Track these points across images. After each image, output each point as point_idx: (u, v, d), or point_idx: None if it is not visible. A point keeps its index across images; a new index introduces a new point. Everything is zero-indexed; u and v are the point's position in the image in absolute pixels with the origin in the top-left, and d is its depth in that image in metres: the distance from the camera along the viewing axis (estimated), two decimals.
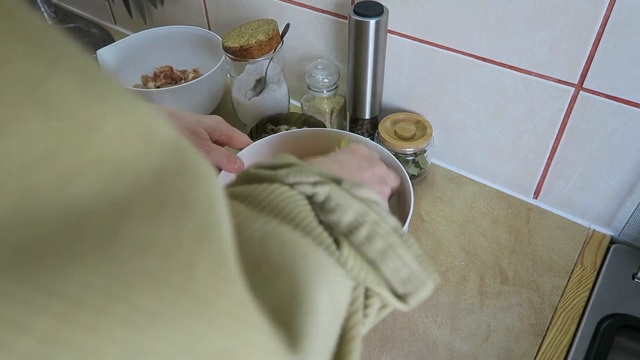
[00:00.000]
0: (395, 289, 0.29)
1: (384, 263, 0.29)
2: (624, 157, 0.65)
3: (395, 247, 0.29)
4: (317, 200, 0.29)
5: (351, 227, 0.29)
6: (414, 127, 0.76)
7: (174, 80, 0.92)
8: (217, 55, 0.87)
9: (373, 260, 0.28)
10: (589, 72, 0.61)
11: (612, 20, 0.57)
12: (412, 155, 0.76)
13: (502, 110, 0.71)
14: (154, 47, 0.94)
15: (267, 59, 0.77)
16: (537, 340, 0.61)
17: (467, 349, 0.61)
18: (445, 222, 0.74)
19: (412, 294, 0.29)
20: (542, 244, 0.71)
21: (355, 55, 0.72)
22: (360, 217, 0.29)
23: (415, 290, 0.29)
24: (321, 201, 0.29)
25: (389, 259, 0.29)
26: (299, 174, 0.30)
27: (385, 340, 0.62)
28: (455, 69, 0.72)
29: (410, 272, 0.29)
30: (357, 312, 0.28)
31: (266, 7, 0.86)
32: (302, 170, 0.30)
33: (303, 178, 0.30)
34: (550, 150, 0.71)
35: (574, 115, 0.66)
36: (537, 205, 0.76)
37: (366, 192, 0.30)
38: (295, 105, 0.93)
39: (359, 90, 0.76)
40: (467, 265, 0.69)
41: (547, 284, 0.67)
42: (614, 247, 0.70)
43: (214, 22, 0.98)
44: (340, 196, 0.29)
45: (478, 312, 0.64)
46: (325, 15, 0.80)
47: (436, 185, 0.80)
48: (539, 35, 0.62)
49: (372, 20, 0.68)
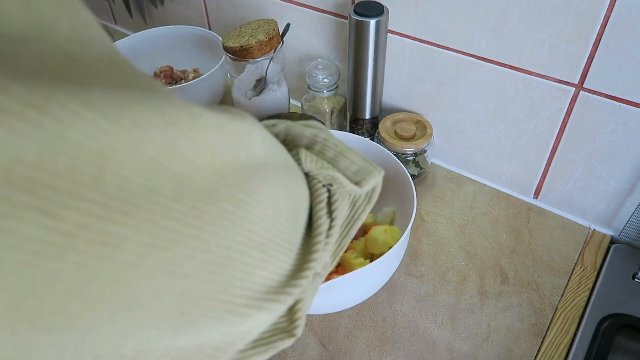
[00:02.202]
0: (350, 178, 0.36)
1: (337, 163, 0.36)
2: (624, 157, 0.65)
3: (344, 152, 0.37)
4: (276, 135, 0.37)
5: (308, 144, 0.37)
6: (414, 127, 0.76)
7: (174, 80, 0.92)
8: (217, 55, 0.87)
9: (329, 161, 0.36)
10: (589, 72, 0.61)
11: (612, 20, 0.57)
12: (412, 155, 0.76)
13: (502, 110, 0.71)
14: (154, 47, 0.94)
15: (267, 59, 0.77)
16: (537, 340, 0.61)
17: (467, 349, 0.61)
18: (446, 222, 0.74)
19: (363, 180, 0.37)
20: (542, 244, 0.71)
21: (356, 55, 0.72)
22: (313, 137, 0.37)
23: (366, 177, 0.37)
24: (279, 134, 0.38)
25: (340, 160, 0.37)
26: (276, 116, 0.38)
27: (385, 340, 0.62)
28: (455, 69, 0.72)
29: (359, 167, 0.37)
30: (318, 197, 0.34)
31: (266, 7, 0.86)
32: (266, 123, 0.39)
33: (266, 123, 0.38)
34: (551, 150, 0.71)
35: (574, 115, 0.66)
36: (537, 205, 0.76)
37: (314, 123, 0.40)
38: (295, 105, 0.93)
39: (359, 90, 0.76)
40: (467, 265, 0.69)
41: (547, 284, 0.67)
42: (614, 247, 0.70)
43: (214, 22, 0.98)
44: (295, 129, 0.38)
45: (478, 312, 0.64)
46: (325, 15, 0.80)
47: (436, 185, 0.80)
48: (539, 35, 0.62)
49: (372, 20, 0.68)
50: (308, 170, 0.35)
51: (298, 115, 0.81)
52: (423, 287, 0.67)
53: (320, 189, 0.35)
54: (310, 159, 0.35)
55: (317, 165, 0.35)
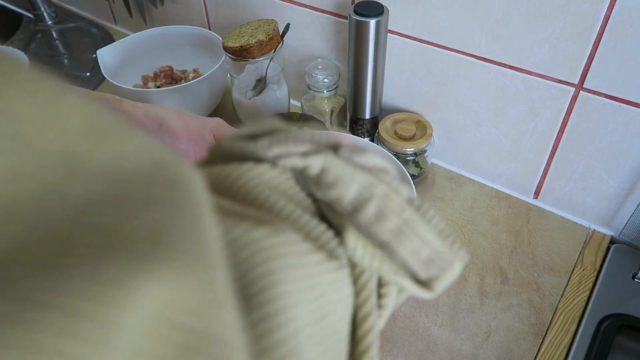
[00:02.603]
0: (416, 273, 0.24)
1: (400, 244, 0.23)
2: (624, 157, 0.65)
3: (412, 224, 0.24)
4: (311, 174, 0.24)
5: (356, 203, 0.24)
6: (414, 127, 0.76)
7: (174, 80, 0.92)
8: (217, 55, 0.87)
9: (386, 242, 0.23)
10: (589, 72, 0.61)
11: (612, 20, 0.57)
12: (412, 155, 0.76)
13: (502, 110, 0.71)
14: (154, 47, 0.94)
15: (267, 59, 0.77)
16: (537, 340, 0.61)
17: (467, 349, 0.61)
18: (445, 222, 0.74)
19: (437, 278, 0.24)
20: (542, 244, 0.71)
21: (356, 55, 0.72)
22: (366, 191, 0.24)
23: (441, 273, 0.24)
24: (316, 174, 0.24)
25: (405, 239, 0.24)
26: (284, 143, 0.24)
27: (385, 340, 0.62)
28: (455, 69, 0.72)
29: (432, 252, 0.24)
30: (365, 304, 0.24)
31: (266, 7, 0.86)
32: (288, 138, 0.24)
33: (290, 147, 0.24)
34: (551, 150, 0.71)
35: (574, 115, 0.66)
36: (537, 205, 0.76)
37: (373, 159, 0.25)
38: (295, 105, 0.93)
39: (359, 90, 0.76)
40: (467, 265, 0.69)
41: (547, 284, 0.67)
42: (614, 247, 0.70)
43: (214, 22, 0.98)
44: (340, 167, 0.24)
45: (478, 312, 0.64)
46: (325, 15, 0.80)
47: (436, 185, 0.80)
48: (539, 35, 0.62)
49: (372, 20, 0.68)
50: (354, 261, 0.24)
51: (298, 116, 0.81)
52: None
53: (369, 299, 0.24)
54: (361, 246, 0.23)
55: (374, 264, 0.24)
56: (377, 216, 0.23)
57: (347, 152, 0.25)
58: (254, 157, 0.24)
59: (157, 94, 0.81)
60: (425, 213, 0.25)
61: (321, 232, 0.23)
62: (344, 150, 0.25)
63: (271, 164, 0.24)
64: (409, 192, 0.25)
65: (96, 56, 0.86)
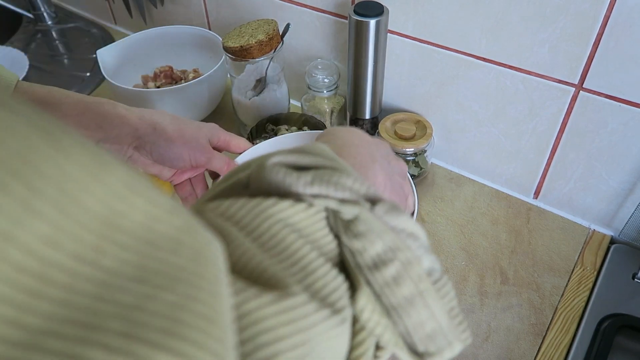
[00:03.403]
0: (414, 343, 0.24)
1: (408, 313, 0.24)
2: (624, 157, 0.65)
3: (426, 296, 0.24)
4: (343, 218, 0.25)
5: (378, 260, 0.24)
6: (414, 127, 0.76)
7: (174, 80, 0.92)
8: (217, 55, 0.87)
9: (395, 306, 0.24)
10: (589, 72, 0.61)
11: (612, 20, 0.57)
12: (412, 155, 0.76)
13: (502, 110, 0.71)
14: (154, 47, 0.94)
15: (267, 59, 0.77)
16: (537, 340, 0.61)
17: (467, 349, 0.61)
18: (445, 222, 0.74)
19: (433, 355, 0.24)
20: (542, 244, 0.71)
21: (355, 55, 0.72)
22: (390, 252, 0.24)
23: (438, 351, 0.24)
24: (347, 220, 0.25)
25: (414, 309, 0.24)
26: (325, 185, 0.25)
27: None
28: (455, 69, 0.72)
29: (437, 328, 0.24)
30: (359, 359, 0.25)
31: (266, 7, 0.86)
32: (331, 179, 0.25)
33: (330, 191, 0.25)
34: (551, 150, 0.71)
35: (574, 115, 0.66)
36: (537, 205, 0.76)
37: (405, 222, 0.26)
38: (295, 105, 0.93)
39: (359, 90, 0.76)
40: (467, 265, 0.69)
41: (547, 284, 0.67)
42: (614, 247, 0.70)
43: (214, 22, 0.98)
44: (371, 222, 0.25)
45: (478, 312, 0.64)
46: (325, 15, 0.80)
47: (436, 185, 0.80)
48: (539, 35, 0.62)
49: (372, 20, 0.68)
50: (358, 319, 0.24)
51: (298, 115, 0.81)
52: None
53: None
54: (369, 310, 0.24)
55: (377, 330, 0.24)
56: (394, 279, 0.24)
57: (382, 210, 0.25)
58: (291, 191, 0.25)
59: (157, 94, 0.81)
60: (441, 288, 0.25)
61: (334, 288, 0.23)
62: (380, 207, 0.25)
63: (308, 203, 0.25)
64: (433, 262, 0.26)
65: (96, 56, 0.86)
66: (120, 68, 0.89)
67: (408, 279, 0.24)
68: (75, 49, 1.10)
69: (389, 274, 0.24)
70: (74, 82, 1.00)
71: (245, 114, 0.83)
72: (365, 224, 0.25)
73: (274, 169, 0.26)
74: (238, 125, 0.88)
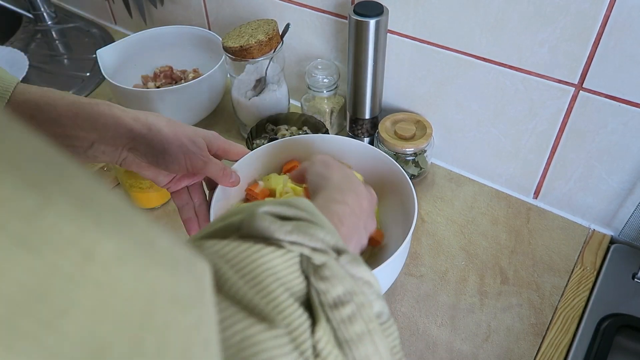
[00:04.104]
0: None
1: (357, 347, 0.28)
2: (624, 157, 0.65)
3: (373, 334, 0.29)
4: (313, 263, 0.30)
5: (337, 301, 0.29)
6: (414, 127, 0.76)
7: (174, 80, 0.92)
8: (217, 55, 0.87)
9: (347, 340, 0.28)
10: (589, 72, 0.61)
11: (612, 20, 0.57)
12: (412, 155, 0.76)
13: (502, 110, 0.71)
14: (154, 47, 0.94)
15: (267, 59, 0.77)
16: (537, 340, 0.61)
17: (467, 349, 0.61)
18: (445, 222, 0.74)
19: None
20: (542, 244, 0.71)
21: (355, 55, 0.72)
22: (348, 295, 0.29)
23: None
24: (317, 265, 0.30)
25: (362, 344, 0.28)
26: (302, 235, 0.30)
27: None
28: (455, 69, 0.72)
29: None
30: None
31: (266, 7, 0.86)
32: (307, 231, 0.31)
33: (305, 241, 0.30)
34: (550, 150, 0.71)
35: (574, 115, 0.66)
36: (537, 205, 0.76)
37: (363, 272, 0.31)
38: (295, 105, 0.93)
39: (359, 90, 0.76)
40: (467, 265, 0.69)
41: (547, 284, 0.67)
42: (614, 247, 0.70)
43: (214, 22, 0.98)
44: (335, 269, 0.30)
45: (478, 312, 0.64)
46: (325, 15, 0.80)
47: (436, 185, 0.80)
48: (539, 35, 0.62)
49: (372, 20, 0.68)
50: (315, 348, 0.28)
51: (298, 116, 0.81)
52: (423, 287, 0.67)
53: None
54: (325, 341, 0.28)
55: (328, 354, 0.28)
56: (349, 318, 0.29)
57: (345, 260, 0.31)
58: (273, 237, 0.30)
59: (157, 94, 0.81)
60: (387, 329, 0.31)
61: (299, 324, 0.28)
62: (344, 258, 0.31)
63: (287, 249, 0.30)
64: (382, 307, 0.31)
65: (96, 56, 0.86)
66: (120, 68, 0.89)
67: (360, 319, 0.29)
68: (75, 49, 1.10)
69: (345, 313, 0.29)
70: (74, 82, 1.00)
71: (245, 114, 0.83)
72: (331, 270, 0.29)
73: (262, 216, 0.31)
74: (238, 125, 0.88)
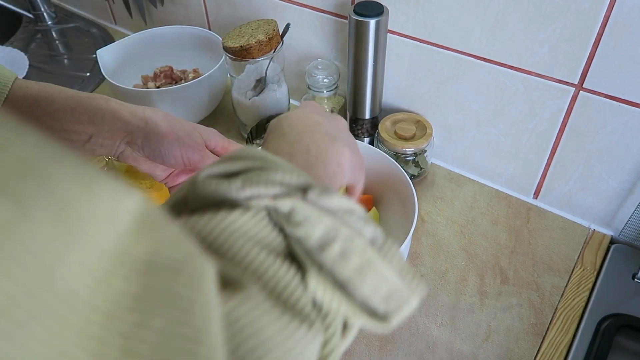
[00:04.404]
0: (375, 308, 0.26)
1: (362, 281, 0.26)
2: (624, 157, 0.65)
3: (374, 263, 0.26)
4: (282, 212, 0.26)
5: (322, 242, 0.26)
6: (414, 127, 0.76)
7: (174, 80, 0.92)
8: (217, 55, 0.87)
9: (348, 279, 0.26)
10: (589, 72, 0.61)
11: (612, 20, 0.57)
12: (412, 155, 0.76)
13: (502, 110, 0.71)
14: (154, 47, 0.93)
15: (267, 59, 0.77)
16: (537, 340, 0.61)
17: (467, 349, 0.61)
18: (445, 222, 0.74)
19: (394, 312, 0.26)
20: (542, 244, 0.71)
21: (355, 55, 0.72)
22: (331, 232, 0.26)
23: (398, 308, 0.26)
24: (285, 212, 0.26)
25: (366, 277, 0.26)
26: (255, 185, 0.26)
27: (385, 341, 0.62)
28: (455, 69, 0.72)
29: (392, 288, 0.26)
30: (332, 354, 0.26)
31: (266, 7, 0.86)
32: (260, 179, 0.26)
33: (262, 191, 0.26)
34: (550, 150, 0.71)
35: (574, 115, 0.66)
36: (537, 205, 0.76)
37: (338, 201, 0.27)
38: (296, 105, 0.93)
39: (359, 90, 0.76)
40: (467, 265, 0.69)
41: (547, 284, 0.67)
42: (614, 247, 0.70)
43: (214, 22, 0.98)
44: (306, 209, 0.26)
45: (478, 312, 0.64)
46: (325, 15, 0.80)
47: (436, 185, 0.80)
48: (539, 35, 0.62)
49: (372, 20, 0.68)
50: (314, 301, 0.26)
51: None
52: None
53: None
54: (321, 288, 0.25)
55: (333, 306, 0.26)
56: (341, 255, 0.26)
57: (314, 195, 0.27)
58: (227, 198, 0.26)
59: (157, 94, 0.81)
60: (387, 253, 0.27)
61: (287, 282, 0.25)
62: (311, 193, 0.27)
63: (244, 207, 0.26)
64: (373, 232, 0.27)
65: (96, 56, 0.86)
66: (120, 68, 0.89)
67: (353, 253, 0.26)
68: (75, 49, 1.10)
69: (335, 252, 0.26)
70: (74, 82, 1.00)
71: (245, 114, 0.83)
72: (302, 212, 0.26)
73: (205, 182, 0.27)
74: (238, 125, 0.88)
